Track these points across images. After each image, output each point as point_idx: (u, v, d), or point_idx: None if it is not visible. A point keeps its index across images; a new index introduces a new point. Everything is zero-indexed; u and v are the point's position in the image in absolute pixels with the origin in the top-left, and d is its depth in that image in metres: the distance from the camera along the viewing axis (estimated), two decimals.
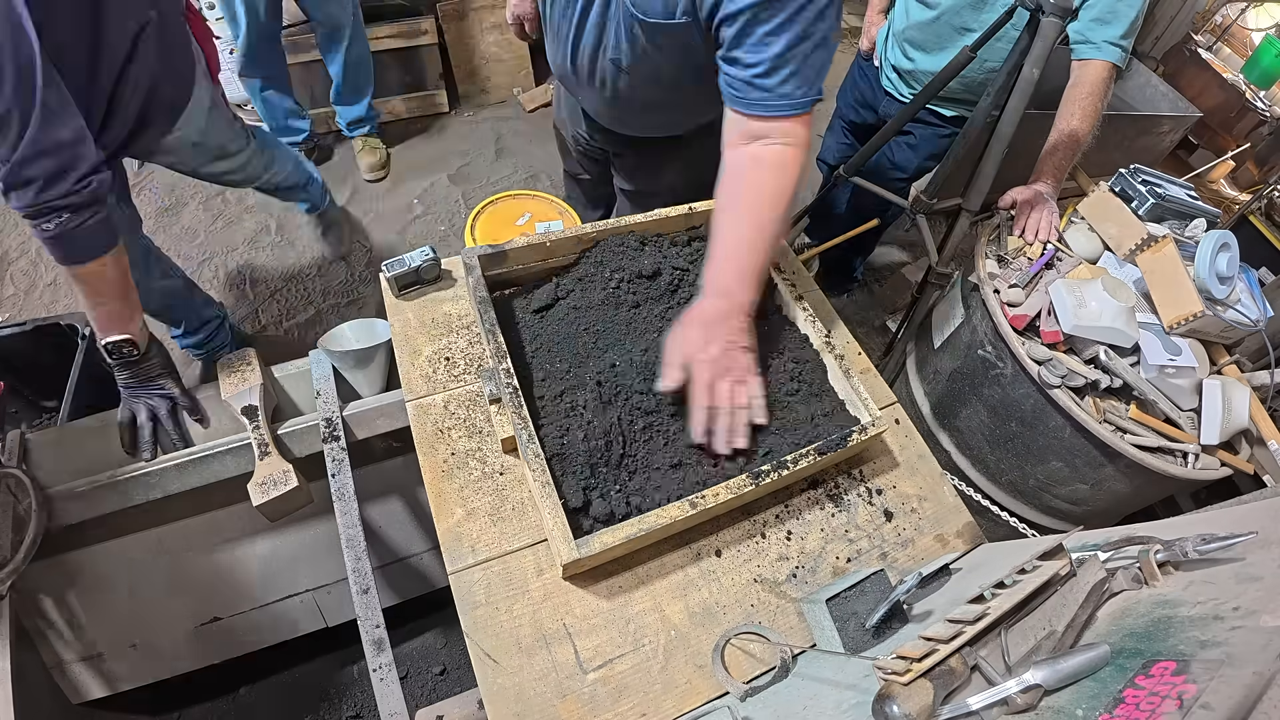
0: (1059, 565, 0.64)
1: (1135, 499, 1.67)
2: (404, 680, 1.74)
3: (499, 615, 0.84)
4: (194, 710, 1.65)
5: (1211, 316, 1.47)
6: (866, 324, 2.76)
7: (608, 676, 0.82)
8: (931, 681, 0.57)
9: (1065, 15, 1.35)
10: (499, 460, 0.97)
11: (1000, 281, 1.64)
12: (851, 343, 1.19)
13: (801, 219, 2.26)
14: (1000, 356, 1.61)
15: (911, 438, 1.11)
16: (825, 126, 2.48)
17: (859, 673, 0.73)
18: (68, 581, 1.28)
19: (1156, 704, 0.44)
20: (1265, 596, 0.49)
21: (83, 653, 1.33)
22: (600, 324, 1.04)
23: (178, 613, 1.40)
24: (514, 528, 0.91)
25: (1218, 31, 3.90)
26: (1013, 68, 1.44)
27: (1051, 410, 1.53)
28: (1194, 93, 3.50)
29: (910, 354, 2.06)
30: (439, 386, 1.03)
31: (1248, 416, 1.47)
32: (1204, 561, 0.58)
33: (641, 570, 0.90)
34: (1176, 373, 1.48)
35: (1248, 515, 0.68)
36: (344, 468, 1.15)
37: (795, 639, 0.88)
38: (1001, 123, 1.47)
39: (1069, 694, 0.52)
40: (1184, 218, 1.75)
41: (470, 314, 1.11)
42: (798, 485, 1.01)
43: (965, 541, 1.01)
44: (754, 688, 0.82)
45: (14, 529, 1.06)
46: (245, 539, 1.40)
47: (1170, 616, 0.54)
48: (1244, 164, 3.49)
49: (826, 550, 0.97)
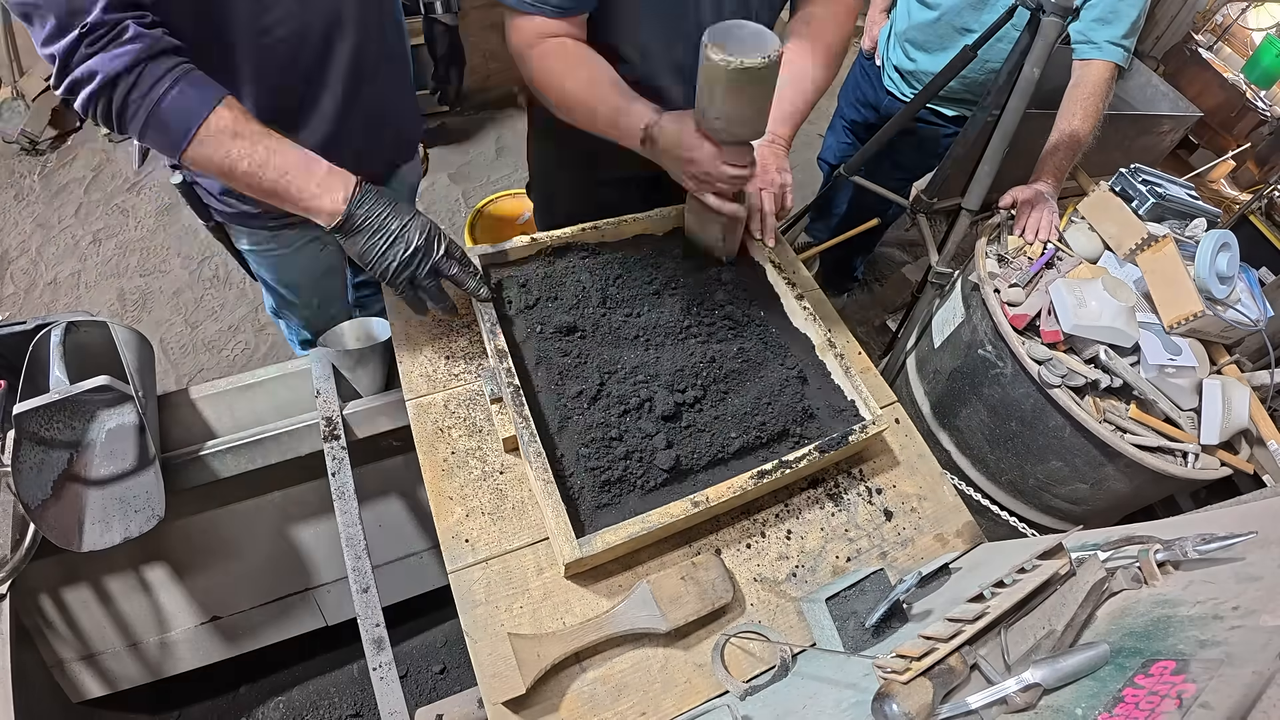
0: (1059, 565, 0.64)
1: (1135, 499, 1.67)
2: (404, 679, 1.74)
3: (499, 614, 0.84)
4: (194, 709, 1.65)
5: (1211, 316, 1.47)
6: (866, 324, 2.76)
7: (607, 675, 0.83)
8: (931, 680, 0.57)
9: (1066, 15, 1.35)
10: (499, 459, 0.97)
11: (1000, 281, 1.64)
12: (851, 342, 1.19)
13: (802, 218, 2.26)
14: (1000, 356, 1.61)
15: (911, 437, 1.11)
16: (826, 125, 2.48)
17: (858, 672, 0.73)
18: (68, 581, 1.28)
19: (1156, 703, 0.44)
20: (1265, 596, 0.49)
21: (82, 651, 1.33)
22: (600, 323, 1.05)
23: (178, 611, 1.40)
24: (514, 526, 0.91)
25: (1218, 31, 3.90)
26: (1013, 67, 1.44)
27: (1051, 410, 1.53)
28: (1194, 92, 3.50)
29: (910, 353, 2.06)
30: (439, 385, 1.03)
31: (1248, 416, 1.47)
32: (1204, 561, 0.58)
33: (642, 569, 0.90)
34: (1176, 372, 1.48)
35: (1247, 515, 0.68)
36: (344, 467, 1.15)
37: (795, 638, 0.88)
38: (1002, 122, 1.47)
39: (1068, 693, 0.52)
40: (1184, 217, 1.75)
41: (470, 313, 1.11)
42: (798, 484, 1.01)
43: (965, 541, 1.01)
44: (754, 686, 0.82)
45: (14, 529, 1.06)
46: (245, 538, 1.40)
47: (1170, 616, 0.54)
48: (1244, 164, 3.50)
49: (826, 549, 0.97)
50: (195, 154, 0.84)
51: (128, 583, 1.33)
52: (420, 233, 0.93)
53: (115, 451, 1.09)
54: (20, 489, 0.96)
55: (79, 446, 1.07)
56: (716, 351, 1.04)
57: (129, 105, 0.80)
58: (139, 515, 1.05)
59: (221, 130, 0.83)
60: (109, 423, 1.10)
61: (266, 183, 0.87)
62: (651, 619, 0.83)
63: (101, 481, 1.07)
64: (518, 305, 1.06)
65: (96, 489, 1.06)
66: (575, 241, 1.13)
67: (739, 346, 1.06)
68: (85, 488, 1.05)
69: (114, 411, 1.11)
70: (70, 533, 1.01)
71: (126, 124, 0.82)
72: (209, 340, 2.43)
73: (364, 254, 0.92)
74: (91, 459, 1.07)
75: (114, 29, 0.77)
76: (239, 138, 0.84)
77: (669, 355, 1.02)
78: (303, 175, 0.88)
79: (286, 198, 0.89)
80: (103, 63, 0.77)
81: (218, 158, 0.85)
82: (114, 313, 2.45)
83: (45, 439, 1.03)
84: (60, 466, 1.04)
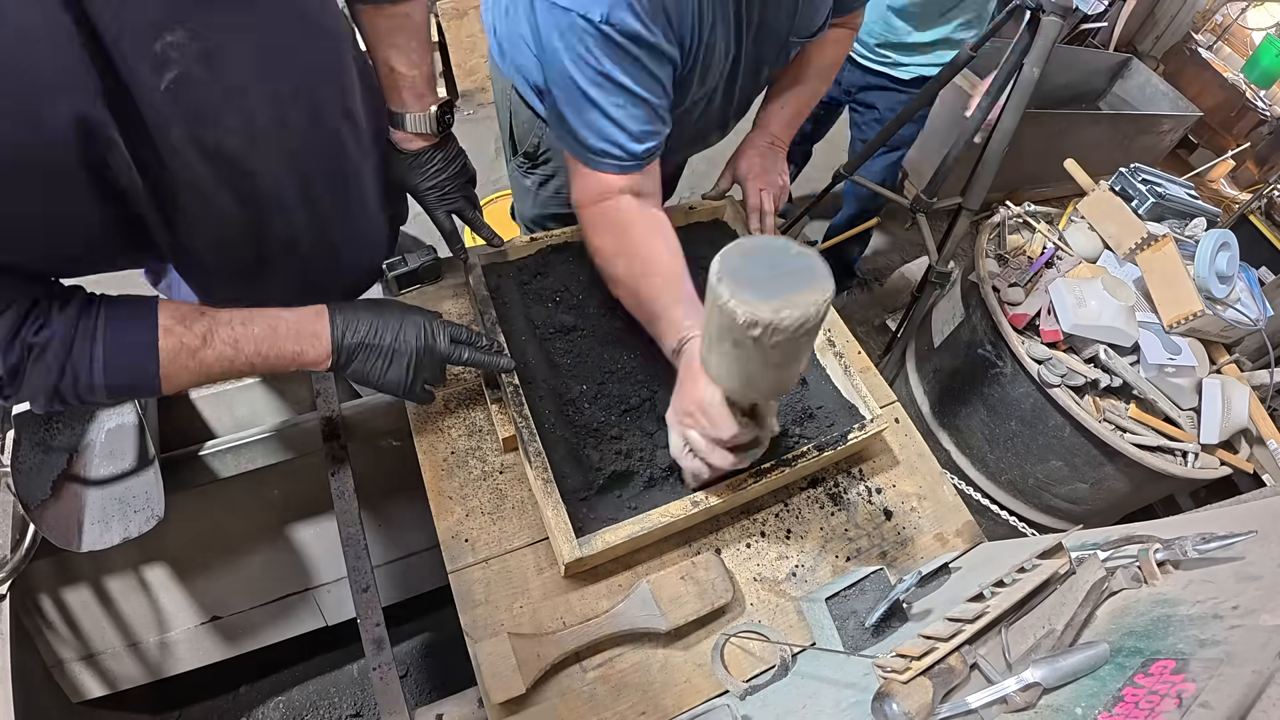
0: (1058, 564, 0.64)
1: (1135, 498, 1.67)
2: (404, 679, 1.74)
3: (499, 614, 0.84)
4: (194, 709, 1.65)
5: (1211, 316, 1.47)
6: (866, 323, 2.76)
7: (607, 675, 0.83)
8: (931, 680, 0.57)
9: (1065, 14, 1.35)
10: (499, 459, 0.97)
11: (1000, 280, 1.65)
12: (851, 342, 1.19)
13: (801, 217, 2.26)
14: (1000, 355, 1.61)
15: (911, 436, 1.11)
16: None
17: (858, 671, 0.73)
18: (67, 580, 1.28)
19: (1156, 702, 0.44)
20: (1264, 595, 0.48)
21: (82, 651, 1.33)
22: (600, 323, 1.05)
23: (178, 611, 1.40)
24: (514, 526, 0.91)
25: (1218, 31, 3.90)
26: (1013, 67, 1.44)
27: (1051, 409, 1.53)
28: (1194, 92, 3.50)
29: (910, 353, 2.06)
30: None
31: (1247, 416, 1.47)
32: (1203, 560, 0.58)
33: (642, 569, 0.90)
34: (1176, 372, 1.48)
35: (1247, 514, 0.68)
36: (343, 466, 1.15)
37: (795, 637, 0.88)
38: (1002, 122, 1.48)
39: (1068, 692, 0.52)
40: (1184, 217, 1.75)
41: (470, 312, 1.11)
42: (797, 484, 1.01)
43: (965, 540, 1.01)
44: (753, 686, 0.82)
45: (14, 529, 1.06)
46: (245, 538, 1.40)
47: (1169, 615, 0.54)
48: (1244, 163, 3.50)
49: (826, 549, 0.97)
50: (172, 385, 0.75)
51: (127, 583, 1.33)
52: (417, 335, 0.86)
53: (115, 451, 1.09)
54: (20, 489, 0.96)
55: (78, 447, 1.07)
56: None
57: (85, 396, 0.71)
58: (138, 515, 1.05)
59: (176, 354, 0.73)
60: (108, 423, 1.10)
61: (247, 369, 0.79)
62: (651, 619, 0.83)
63: (101, 481, 1.07)
64: (517, 305, 1.06)
65: (96, 489, 1.06)
66: (575, 241, 1.13)
67: None
68: (85, 488, 1.05)
69: (113, 411, 1.11)
70: (70, 533, 1.01)
71: (96, 401, 0.74)
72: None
73: (368, 379, 0.86)
74: (91, 459, 1.07)
75: (19, 366, 0.67)
76: (196, 351, 0.75)
77: None
78: (276, 343, 0.79)
79: (277, 369, 0.82)
80: (32, 393, 0.69)
81: (190, 379, 0.76)
82: None
83: (45, 439, 1.03)
84: (60, 466, 1.04)
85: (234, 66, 0.68)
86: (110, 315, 0.71)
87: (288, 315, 0.81)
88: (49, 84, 0.56)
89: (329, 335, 0.82)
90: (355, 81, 0.89)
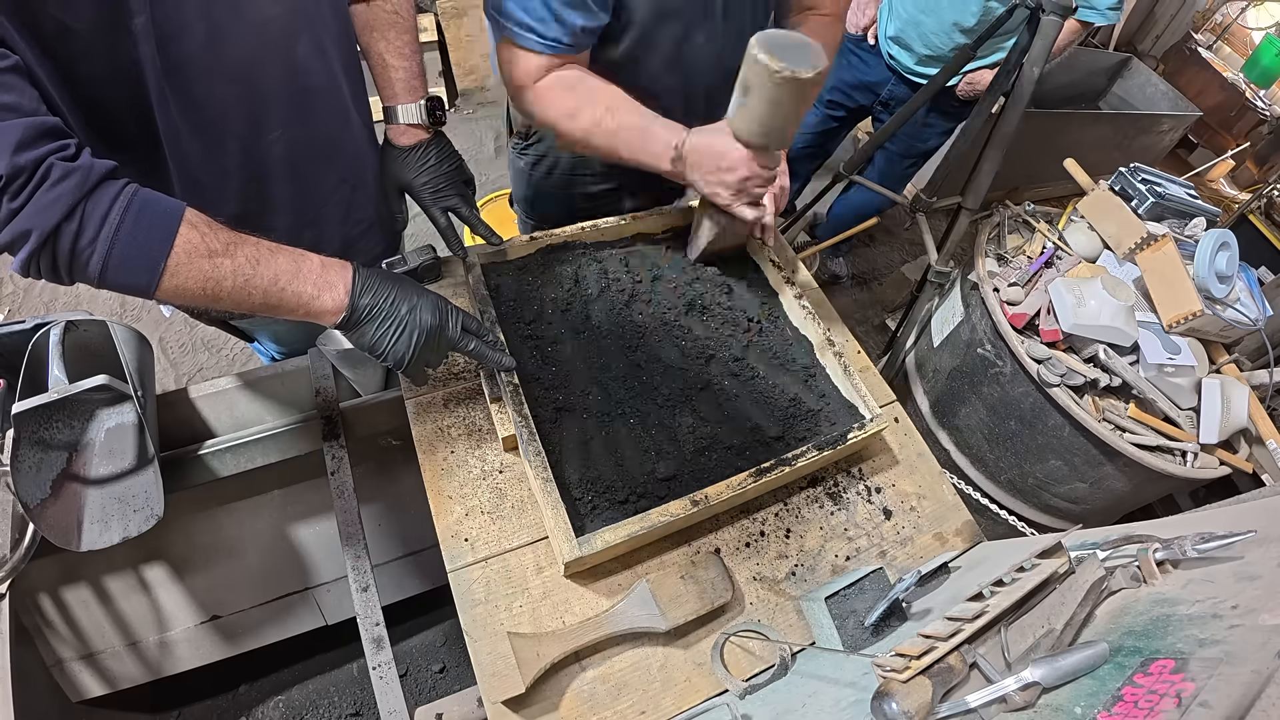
0: (1058, 563, 0.64)
1: (1134, 497, 1.67)
2: (403, 678, 1.74)
3: (498, 613, 0.84)
4: (194, 708, 1.65)
5: (1211, 315, 1.47)
6: (866, 323, 2.76)
7: (607, 674, 0.83)
8: (930, 679, 0.57)
9: (1065, 14, 1.35)
10: (498, 458, 0.97)
11: (1000, 280, 1.65)
12: (851, 341, 1.19)
13: (802, 217, 2.26)
14: (999, 355, 1.61)
15: (910, 436, 1.11)
16: None
17: (858, 670, 0.73)
18: (67, 580, 1.28)
19: (1155, 702, 0.44)
20: (1264, 595, 0.49)
21: (82, 651, 1.33)
22: (599, 322, 1.05)
23: (177, 611, 1.40)
24: (513, 525, 0.91)
25: (1218, 30, 3.90)
26: (1013, 67, 1.44)
27: (1050, 409, 1.53)
28: (1194, 92, 3.50)
29: (909, 353, 2.06)
30: (438, 384, 1.03)
31: (1246, 415, 1.47)
32: (1203, 560, 0.58)
33: (641, 568, 0.90)
34: (1175, 371, 1.48)
35: (1246, 514, 0.68)
36: (343, 466, 1.15)
37: (794, 637, 0.88)
38: (1002, 122, 1.48)
39: (1067, 692, 0.52)
40: (1184, 216, 1.75)
41: (470, 311, 1.11)
42: (797, 484, 1.01)
43: (964, 540, 1.01)
44: (753, 685, 0.82)
45: (14, 528, 1.06)
46: (245, 538, 1.40)
47: (1169, 615, 0.54)
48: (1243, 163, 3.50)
49: (826, 548, 0.97)
50: (170, 286, 0.71)
51: (127, 582, 1.33)
52: (432, 313, 0.85)
53: (114, 451, 1.09)
54: (19, 488, 0.96)
55: (78, 446, 1.07)
56: (716, 350, 1.04)
57: (78, 255, 0.67)
58: (138, 515, 1.05)
59: (193, 253, 0.70)
60: (108, 422, 1.10)
61: (257, 296, 0.75)
62: (651, 618, 0.83)
63: (100, 481, 1.07)
64: (517, 304, 1.06)
65: (95, 488, 1.06)
66: (575, 240, 1.13)
67: (739, 346, 1.06)
68: (84, 487, 1.05)
69: (113, 411, 1.11)
70: (69, 532, 1.01)
71: (81, 274, 0.69)
72: (208, 339, 2.43)
73: (374, 346, 0.85)
74: (90, 458, 1.07)
75: (34, 174, 0.63)
76: (215, 255, 0.72)
77: (668, 354, 1.03)
78: (296, 278, 0.77)
79: (282, 307, 0.78)
80: (33, 217, 0.63)
81: (195, 285, 0.72)
82: (113, 312, 2.44)
83: (44, 438, 1.03)
84: (59, 466, 1.04)
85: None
86: (141, 189, 0.70)
87: (315, 257, 0.80)
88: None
89: (348, 288, 0.80)
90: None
